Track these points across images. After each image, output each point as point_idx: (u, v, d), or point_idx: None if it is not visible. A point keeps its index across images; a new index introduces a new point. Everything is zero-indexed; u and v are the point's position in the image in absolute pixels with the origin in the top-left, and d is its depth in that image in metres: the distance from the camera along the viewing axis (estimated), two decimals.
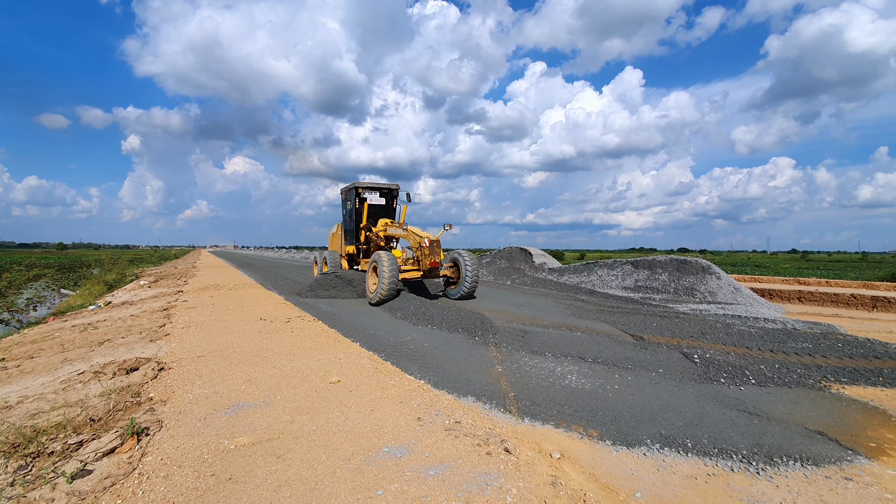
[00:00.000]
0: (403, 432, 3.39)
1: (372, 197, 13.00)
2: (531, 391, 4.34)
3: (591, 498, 2.53)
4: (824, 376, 4.84)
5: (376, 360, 5.55)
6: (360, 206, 12.98)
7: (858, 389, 4.54)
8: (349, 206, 13.51)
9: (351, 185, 13.22)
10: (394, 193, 13.58)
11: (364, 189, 12.97)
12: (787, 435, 3.34)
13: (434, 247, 9.77)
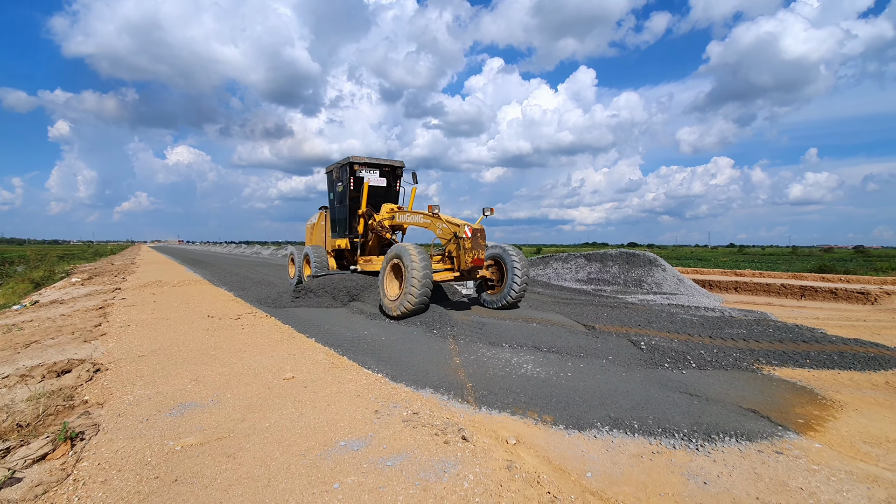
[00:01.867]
0: (361, 425, 3.35)
1: (371, 176, 10.44)
2: (488, 381, 4.41)
3: (544, 479, 2.61)
4: (757, 359, 5.22)
5: (332, 355, 5.45)
6: (355, 188, 10.36)
7: (788, 371, 4.93)
8: (340, 189, 10.81)
9: (344, 160, 10.41)
10: (397, 172, 10.97)
11: (361, 166, 10.35)
12: (723, 413, 3.58)
13: (478, 238, 7.26)
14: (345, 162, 10.35)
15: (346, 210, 10.56)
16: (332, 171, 11.34)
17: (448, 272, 7.80)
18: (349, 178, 10.32)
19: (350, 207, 10.49)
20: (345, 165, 10.38)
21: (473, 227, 7.26)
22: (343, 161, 10.45)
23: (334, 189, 11.19)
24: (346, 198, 10.49)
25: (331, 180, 11.46)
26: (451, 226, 7.58)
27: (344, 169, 10.47)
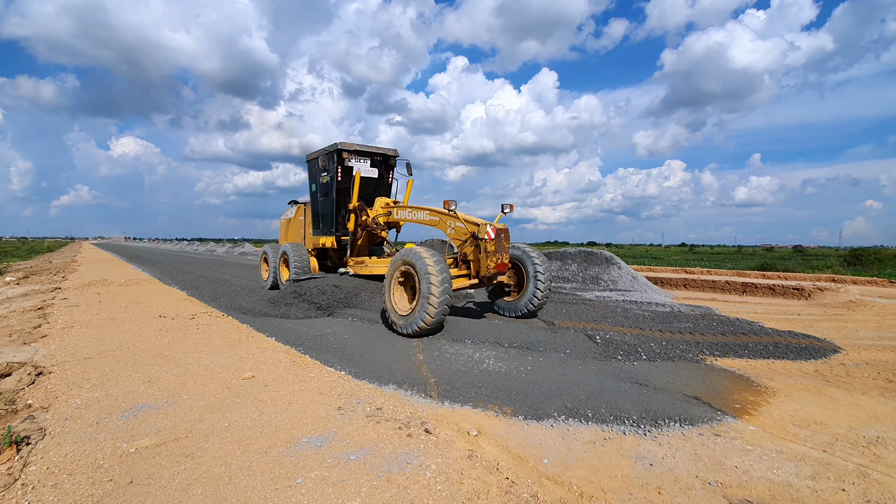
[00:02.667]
0: (323, 422, 3.36)
1: (361, 165, 9.30)
2: (451, 376, 4.50)
3: (503, 466, 2.72)
4: (701, 351, 5.58)
5: (293, 353, 5.39)
6: (344, 179, 9.19)
7: (728, 361, 5.29)
8: (325, 179, 9.54)
9: (331, 147, 9.26)
10: (390, 162, 9.86)
11: (351, 154, 9.17)
12: (669, 401, 3.82)
13: (502, 239, 6.30)
14: (332, 149, 9.11)
15: (333, 204, 9.31)
16: (315, 159, 9.95)
17: (463, 279, 6.60)
18: (336, 167, 9.09)
19: (337, 201, 9.26)
20: (332, 153, 9.12)
21: (497, 227, 6.24)
22: (330, 148, 9.22)
23: (317, 180, 9.85)
24: (333, 190, 9.21)
25: (313, 170, 10.10)
26: (468, 225, 6.51)
27: (330, 157, 9.18)
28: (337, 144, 9.10)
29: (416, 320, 5.81)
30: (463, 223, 6.59)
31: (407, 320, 6.00)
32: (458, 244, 6.74)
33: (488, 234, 6.21)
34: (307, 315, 7.60)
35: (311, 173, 10.28)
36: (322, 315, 7.62)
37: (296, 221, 11.29)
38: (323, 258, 10.37)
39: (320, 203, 9.92)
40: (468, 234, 6.52)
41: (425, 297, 5.71)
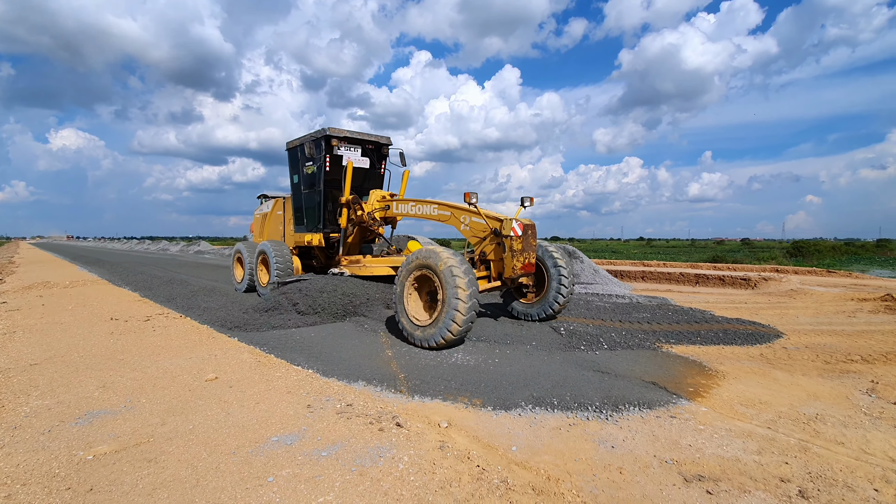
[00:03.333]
0: (293, 421, 3.33)
1: (351, 154, 8.44)
2: (420, 371, 4.54)
3: (474, 455, 2.79)
4: (658, 339, 5.86)
5: (258, 353, 5.27)
6: (333, 169, 8.24)
7: (682, 347, 5.58)
8: (310, 170, 8.54)
9: (318, 133, 8.28)
10: (382, 151, 8.99)
11: (341, 141, 8.27)
12: (629, 387, 4.01)
13: (529, 237, 5.70)
14: (319, 135, 8.15)
15: (320, 197, 8.36)
16: (298, 147, 8.92)
17: (482, 281, 5.91)
18: (324, 155, 8.13)
19: (325, 194, 8.32)
20: (319, 140, 8.14)
21: (524, 223, 5.60)
22: (317, 133, 8.24)
23: (300, 170, 8.87)
24: (320, 181, 8.26)
25: (296, 158, 9.04)
26: (490, 221, 5.77)
27: (317, 144, 8.17)
28: (325, 130, 8.08)
29: (440, 332, 5.07)
30: (483, 219, 5.83)
31: (426, 332, 5.24)
32: (474, 242, 6.06)
33: (514, 230, 5.49)
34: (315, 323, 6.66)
35: (293, 163, 9.18)
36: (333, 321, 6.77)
37: (273, 217, 10.30)
38: (307, 257, 9.41)
39: (304, 196, 8.85)
40: (488, 230, 5.79)
41: (451, 305, 4.97)
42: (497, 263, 5.84)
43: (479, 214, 5.90)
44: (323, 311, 6.98)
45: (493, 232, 5.73)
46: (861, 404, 3.70)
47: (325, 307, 7.03)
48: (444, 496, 2.37)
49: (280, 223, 9.96)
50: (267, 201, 10.79)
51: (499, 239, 5.70)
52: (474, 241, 6.07)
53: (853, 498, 2.41)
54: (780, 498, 2.41)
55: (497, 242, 5.75)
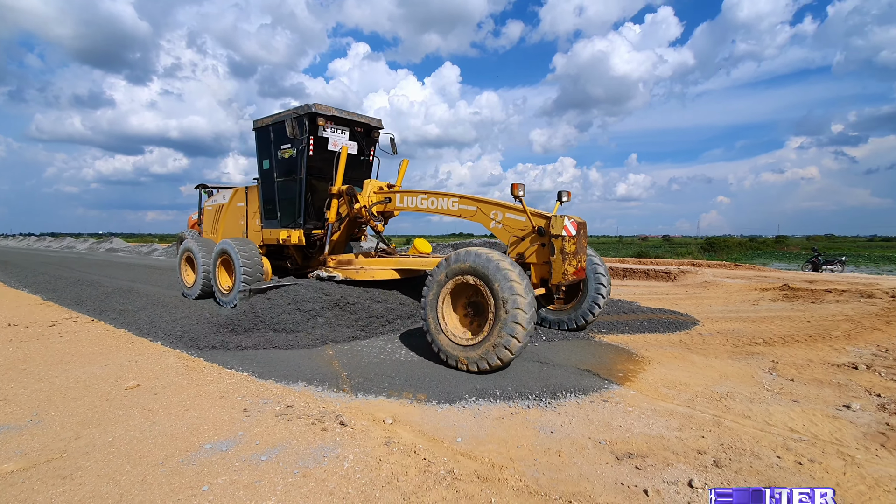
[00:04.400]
0: (228, 426, 3.16)
1: (339, 137, 7.28)
2: (363, 368, 4.47)
3: (420, 448, 2.81)
4: (591, 329, 6.20)
5: (186, 357, 4.94)
6: (316, 153, 7.02)
7: (613, 336, 5.94)
8: (288, 154, 7.27)
9: (300, 109, 6.96)
10: (373, 135, 7.85)
11: (328, 120, 7.05)
12: (565, 375, 4.22)
13: (582, 236, 5.06)
14: (302, 112, 6.88)
15: (301, 186, 7.12)
16: (271, 126, 7.50)
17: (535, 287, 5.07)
18: (308, 137, 6.88)
19: (309, 183, 7.11)
20: (302, 118, 6.88)
21: (577, 221, 4.93)
22: (299, 110, 6.95)
23: (273, 154, 7.53)
24: (302, 167, 7.03)
25: (267, 140, 7.63)
26: (534, 218, 4.93)
27: (300, 123, 6.90)
28: (310, 106, 6.82)
29: (495, 352, 4.20)
30: (524, 215, 5.00)
31: (475, 351, 4.32)
32: (510, 241, 5.19)
33: (567, 229, 4.76)
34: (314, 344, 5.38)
35: (263, 145, 7.74)
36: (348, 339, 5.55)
37: (231, 210, 8.87)
38: (277, 258, 8.10)
39: (279, 185, 7.53)
40: (529, 229, 4.99)
41: (510, 322, 4.15)
42: (540, 267, 5.00)
43: (517, 210, 5.08)
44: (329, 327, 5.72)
45: (537, 231, 4.91)
46: (764, 382, 4.15)
47: (334, 323, 5.80)
48: (392, 491, 2.36)
49: (241, 217, 8.56)
50: (221, 192, 9.36)
51: (543, 239, 4.90)
52: (509, 240, 5.20)
53: (759, 465, 2.70)
54: (698, 468, 2.65)
55: (541, 243, 4.94)
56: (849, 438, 3.04)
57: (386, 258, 7.03)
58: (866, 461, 2.74)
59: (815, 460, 2.75)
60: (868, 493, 2.42)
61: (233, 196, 8.87)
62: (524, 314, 4.15)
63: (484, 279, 4.38)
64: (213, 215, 9.46)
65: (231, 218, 8.89)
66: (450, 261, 4.63)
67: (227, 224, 9.00)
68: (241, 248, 7.44)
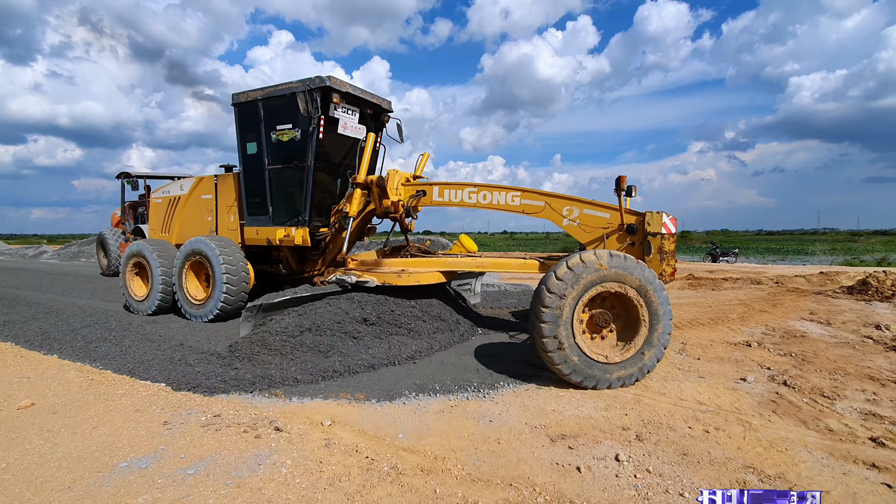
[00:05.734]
0: (146, 441, 2.90)
1: (348, 118, 6.33)
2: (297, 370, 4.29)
3: (362, 447, 2.77)
4: (526, 322, 6.45)
5: (90, 370, 4.47)
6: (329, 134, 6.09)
7: None
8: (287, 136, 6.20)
9: (311, 81, 5.84)
10: (382, 119, 6.97)
11: (343, 97, 6.07)
12: (503, 366, 4.36)
13: (674, 238, 4.70)
14: (314, 85, 5.81)
15: (308, 176, 6.06)
16: (264, 100, 6.28)
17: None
18: (318, 116, 5.84)
19: (316, 170, 6.07)
20: (312, 91, 5.80)
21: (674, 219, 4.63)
22: (310, 83, 5.83)
23: (265, 135, 6.31)
24: (310, 152, 5.98)
25: (254, 118, 6.38)
26: (627, 215, 4.63)
27: (310, 98, 5.81)
28: (324, 80, 5.78)
29: (645, 369, 3.91)
30: (620, 212, 4.64)
31: (626, 370, 3.87)
32: (588, 240, 4.86)
33: (666, 226, 4.49)
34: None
35: (249, 124, 6.48)
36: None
37: (192, 203, 7.43)
38: (261, 262, 6.93)
39: (272, 174, 6.35)
40: (613, 226, 4.70)
41: (666, 335, 3.89)
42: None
43: (597, 206, 4.81)
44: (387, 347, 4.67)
45: (627, 229, 4.61)
46: (675, 361, 4.58)
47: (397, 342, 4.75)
48: (335, 492, 2.30)
49: (207, 212, 7.19)
50: (176, 181, 7.97)
51: (633, 237, 4.63)
52: (586, 238, 4.87)
53: (674, 435, 2.99)
54: (623, 443, 2.87)
55: (630, 242, 4.66)
56: (746, 407, 3.45)
57: (425, 259, 5.91)
58: (761, 426, 3.13)
59: (719, 428, 3.09)
60: (764, 453, 2.76)
61: (195, 186, 7.41)
62: (668, 328, 3.93)
63: (643, 293, 3.89)
64: (163, 210, 7.88)
65: (192, 213, 7.45)
66: (588, 265, 3.86)
67: (187, 220, 7.53)
68: (223, 250, 6.20)
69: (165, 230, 7.87)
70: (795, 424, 3.16)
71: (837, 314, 6.64)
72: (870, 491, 2.37)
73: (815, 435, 3.01)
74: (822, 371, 4.25)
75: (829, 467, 2.60)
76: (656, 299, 3.87)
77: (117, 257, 11.91)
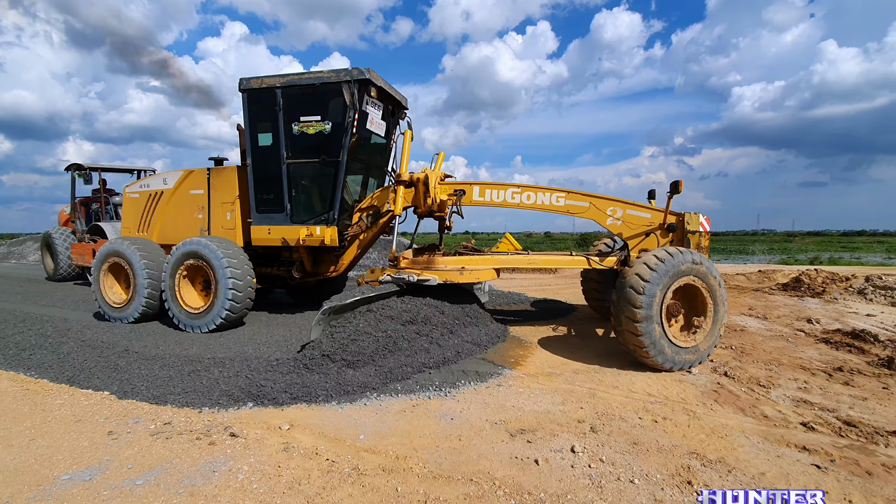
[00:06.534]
0: (90, 452, 2.74)
1: (374, 113, 6.21)
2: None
3: (322, 450, 2.74)
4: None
5: (24, 379, 4.17)
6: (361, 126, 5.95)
7: (507, 326, 6.35)
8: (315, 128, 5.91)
9: (348, 73, 5.67)
10: (399, 115, 6.89)
11: (378, 91, 6.02)
12: (463, 364, 4.41)
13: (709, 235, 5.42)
14: (352, 77, 5.64)
15: (339, 172, 5.86)
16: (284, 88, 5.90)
17: None
18: (353, 111, 5.69)
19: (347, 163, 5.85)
20: (351, 83, 5.62)
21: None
22: (348, 74, 5.65)
23: (283, 126, 5.93)
24: (342, 149, 5.78)
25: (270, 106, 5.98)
26: (669, 215, 5.11)
27: (348, 89, 5.63)
28: (364, 72, 5.66)
29: (706, 353, 4.47)
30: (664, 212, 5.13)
31: (693, 354, 4.38)
32: (631, 238, 5.27)
33: (703, 225, 5.07)
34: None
35: (263, 113, 6.11)
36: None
37: (178, 199, 6.82)
38: (263, 265, 6.56)
39: (291, 168, 6.00)
40: (654, 225, 5.19)
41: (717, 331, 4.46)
42: None
43: (639, 206, 5.24)
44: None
45: (668, 228, 5.12)
46: (627, 356, 4.79)
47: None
48: (294, 496, 2.27)
49: (198, 209, 6.61)
50: (155, 175, 7.45)
51: (673, 235, 5.19)
52: (629, 234, 5.28)
53: (625, 426, 3.13)
54: (578, 435, 2.99)
55: (670, 239, 5.21)
56: (691, 397, 3.67)
57: (482, 256, 5.97)
58: (704, 414, 3.34)
59: (667, 417, 3.26)
60: (706, 440, 2.95)
61: (182, 180, 6.78)
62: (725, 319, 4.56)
63: (707, 284, 4.43)
64: (140, 206, 7.16)
65: (178, 209, 6.81)
66: (676, 262, 4.29)
67: (171, 218, 6.89)
68: (226, 251, 5.71)
69: (143, 228, 7.15)
70: (735, 412, 3.39)
71: (773, 309, 7.16)
72: (801, 472, 2.58)
73: (752, 421, 3.24)
74: (759, 362, 4.57)
75: (765, 451, 2.81)
76: (720, 292, 4.42)
77: (67, 259, 10.81)
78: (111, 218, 10.80)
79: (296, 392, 3.68)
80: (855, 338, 5.36)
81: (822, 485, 2.44)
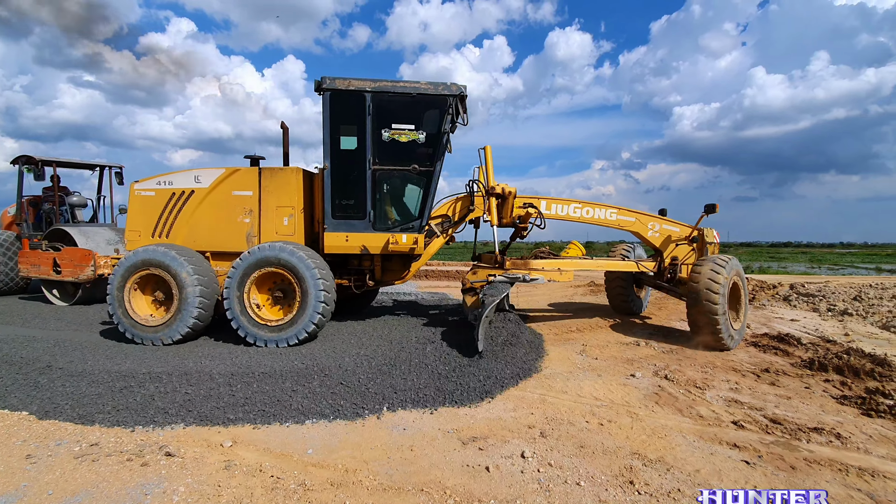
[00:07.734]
0: (5, 478, 2.50)
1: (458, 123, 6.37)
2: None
3: (267, 467, 2.62)
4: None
5: None
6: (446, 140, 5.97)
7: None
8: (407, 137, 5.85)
9: (449, 88, 5.79)
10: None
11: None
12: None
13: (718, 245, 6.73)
14: (453, 92, 5.72)
15: (432, 182, 5.91)
16: (376, 93, 5.73)
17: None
18: (452, 124, 5.86)
19: (435, 173, 5.91)
20: (452, 99, 5.70)
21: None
22: (449, 89, 5.75)
23: (372, 132, 5.74)
24: (438, 159, 5.89)
25: (359, 111, 5.75)
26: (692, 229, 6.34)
27: (452, 106, 5.71)
28: (461, 88, 5.78)
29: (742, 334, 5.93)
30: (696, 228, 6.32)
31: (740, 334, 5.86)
32: (662, 245, 6.39)
33: (716, 238, 6.37)
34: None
35: (350, 116, 5.87)
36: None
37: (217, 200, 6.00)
38: (342, 272, 6.19)
39: (378, 175, 5.83)
40: (682, 237, 6.33)
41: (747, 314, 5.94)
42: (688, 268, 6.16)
43: (670, 221, 6.39)
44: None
45: (692, 240, 6.31)
46: (577, 361, 4.94)
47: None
48: None
49: (242, 212, 5.93)
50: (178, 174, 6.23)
51: (693, 246, 6.32)
52: (659, 244, 6.39)
53: (573, 430, 3.22)
54: (528, 441, 3.04)
55: (692, 248, 6.33)
56: (634, 400, 3.83)
57: (564, 259, 6.93)
58: (646, 416, 3.49)
59: (611, 420, 3.39)
60: (647, 440, 3.08)
61: (222, 179, 5.97)
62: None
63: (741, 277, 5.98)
64: (158, 207, 6.10)
65: (216, 212, 5.98)
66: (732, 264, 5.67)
67: (204, 221, 6.00)
68: (316, 262, 5.30)
69: (161, 233, 6.08)
70: (673, 413, 3.58)
71: None
72: (732, 468, 2.74)
73: (688, 421, 3.42)
74: (696, 365, 4.85)
75: (700, 449, 2.97)
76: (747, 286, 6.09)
77: (10, 269, 9.08)
78: (66, 220, 9.26)
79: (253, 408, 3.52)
80: (780, 341, 5.80)
81: (750, 479, 2.61)
